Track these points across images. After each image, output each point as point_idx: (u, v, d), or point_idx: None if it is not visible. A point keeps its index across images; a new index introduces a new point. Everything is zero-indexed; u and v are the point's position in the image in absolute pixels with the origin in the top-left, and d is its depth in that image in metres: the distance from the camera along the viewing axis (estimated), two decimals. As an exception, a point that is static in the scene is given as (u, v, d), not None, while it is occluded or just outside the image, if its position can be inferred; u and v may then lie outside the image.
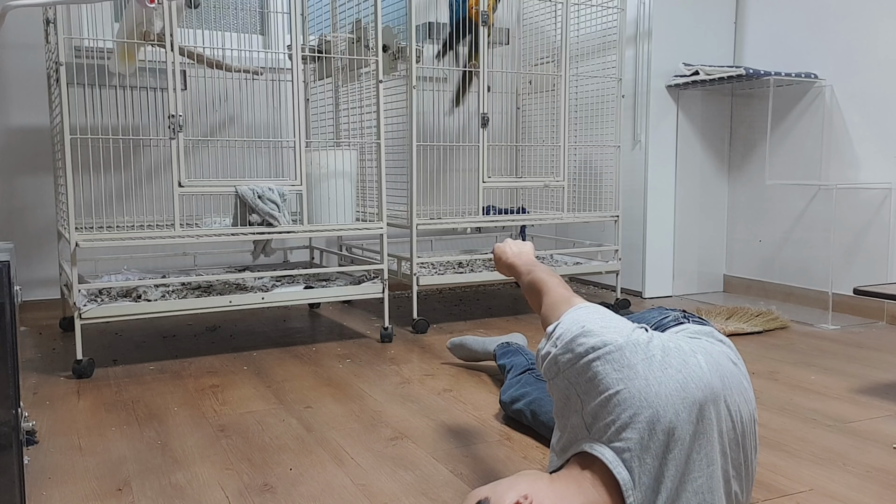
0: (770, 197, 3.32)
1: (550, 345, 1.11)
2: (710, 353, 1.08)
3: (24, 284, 2.97)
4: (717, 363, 1.06)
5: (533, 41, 3.43)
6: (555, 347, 1.09)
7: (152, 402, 1.91)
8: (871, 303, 2.89)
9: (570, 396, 1.07)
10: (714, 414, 1.02)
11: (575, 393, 1.06)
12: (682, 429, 0.99)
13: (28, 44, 2.91)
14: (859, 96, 2.95)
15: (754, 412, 1.10)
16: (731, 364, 1.09)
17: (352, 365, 2.27)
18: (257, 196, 2.34)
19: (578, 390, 1.05)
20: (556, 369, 1.08)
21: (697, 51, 3.34)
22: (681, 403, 1.00)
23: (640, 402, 0.99)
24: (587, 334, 1.06)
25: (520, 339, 2.17)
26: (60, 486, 1.41)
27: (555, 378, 1.09)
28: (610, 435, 1.00)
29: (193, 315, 3.03)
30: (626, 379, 1.01)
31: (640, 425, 0.98)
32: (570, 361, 1.06)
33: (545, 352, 1.11)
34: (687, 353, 1.06)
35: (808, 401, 1.91)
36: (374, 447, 1.60)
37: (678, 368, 1.02)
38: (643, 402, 0.99)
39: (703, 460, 1.01)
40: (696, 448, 1.01)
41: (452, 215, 3.05)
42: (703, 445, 1.01)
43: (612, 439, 1.00)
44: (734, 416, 1.05)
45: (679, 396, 1.00)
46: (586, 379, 1.04)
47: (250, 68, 2.71)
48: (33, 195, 2.96)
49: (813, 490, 1.38)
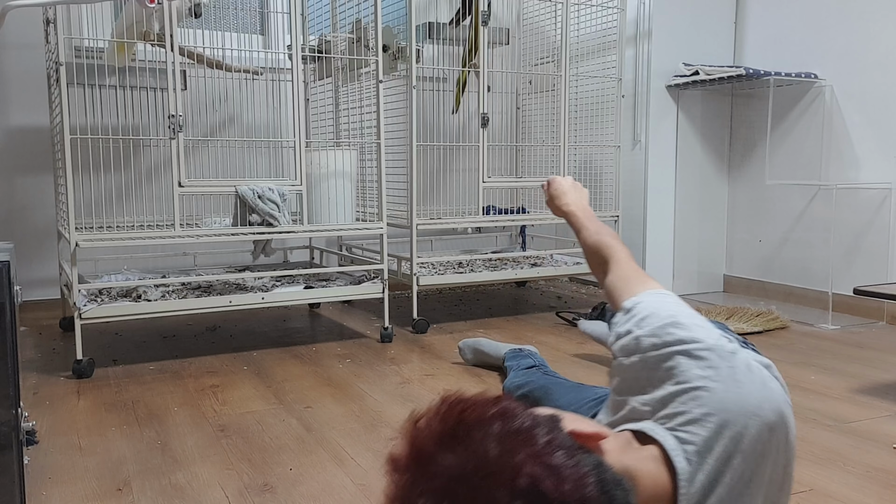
0: (770, 197, 3.32)
1: (633, 324, 1.08)
2: (780, 384, 1.07)
3: (24, 284, 2.97)
4: (786, 395, 1.06)
5: (533, 41, 3.42)
6: (638, 328, 1.06)
7: (152, 402, 1.91)
8: (871, 303, 2.89)
9: (640, 378, 1.05)
10: (779, 441, 1.01)
11: (647, 377, 1.04)
12: (749, 442, 0.97)
13: (28, 44, 2.91)
14: (859, 96, 2.95)
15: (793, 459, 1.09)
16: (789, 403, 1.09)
17: (352, 365, 2.27)
18: (257, 196, 2.34)
19: (653, 376, 1.03)
20: (636, 349, 1.06)
21: (697, 51, 3.34)
22: (755, 419, 0.98)
23: (717, 404, 0.97)
24: (679, 326, 1.04)
25: (532, 349, 2.15)
26: (60, 486, 1.41)
27: (630, 356, 1.07)
28: (676, 424, 0.98)
29: (193, 315, 3.03)
30: (708, 378, 0.99)
31: (710, 425, 0.96)
32: (655, 346, 1.04)
33: (625, 329, 1.08)
34: (766, 376, 1.04)
35: (808, 401, 1.91)
36: (374, 447, 1.60)
37: (759, 387, 1.01)
38: (720, 406, 0.97)
39: (760, 479, 0.99)
40: (757, 466, 0.99)
41: (452, 215, 3.05)
42: (762, 466, 0.99)
43: (676, 429, 0.97)
44: (790, 452, 1.04)
45: (755, 412, 0.98)
46: (666, 367, 1.02)
47: (250, 68, 2.71)
48: (33, 195, 2.96)
49: (813, 490, 1.38)
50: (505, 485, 0.69)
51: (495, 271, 2.88)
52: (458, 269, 3.04)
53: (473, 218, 2.82)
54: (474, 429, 0.74)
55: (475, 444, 0.73)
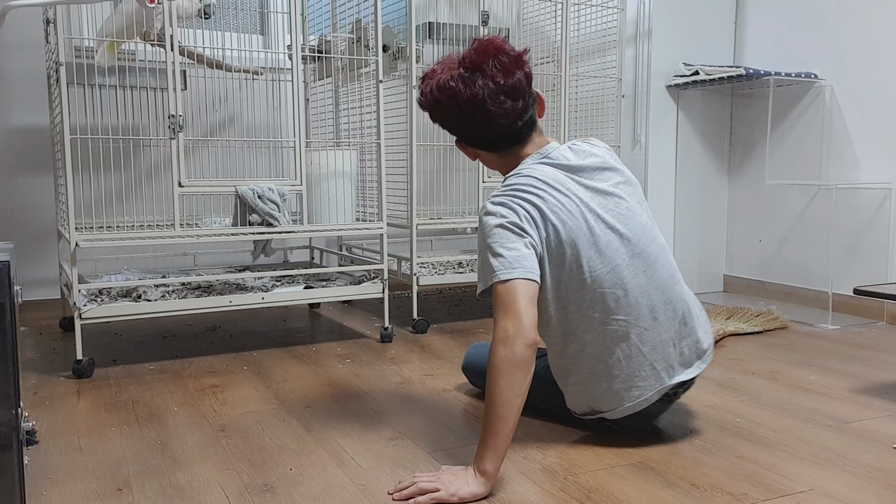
0: (770, 197, 3.32)
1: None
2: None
3: (24, 284, 2.97)
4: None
5: (533, 41, 3.42)
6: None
7: (152, 402, 1.91)
8: (871, 303, 2.89)
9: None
10: None
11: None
12: None
13: (28, 44, 2.91)
14: (859, 96, 2.95)
15: None
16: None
17: (352, 365, 2.27)
18: (257, 196, 2.34)
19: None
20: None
21: (697, 51, 3.34)
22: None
23: None
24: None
25: None
26: (60, 486, 1.41)
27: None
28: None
29: (193, 315, 3.03)
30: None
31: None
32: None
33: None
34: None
35: (808, 401, 1.91)
36: (374, 447, 1.60)
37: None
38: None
39: None
40: None
41: (452, 215, 3.05)
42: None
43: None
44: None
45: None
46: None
47: (250, 68, 2.71)
48: (33, 195, 2.96)
49: (813, 490, 1.38)
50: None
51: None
52: (458, 269, 3.04)
53: (473, 218, 2.82)
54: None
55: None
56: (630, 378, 1.53)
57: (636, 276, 1.51)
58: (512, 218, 1.46)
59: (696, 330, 1.57)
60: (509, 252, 1.42)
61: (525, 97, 1.52)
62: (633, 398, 1.54)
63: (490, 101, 1.48)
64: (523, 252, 1.43)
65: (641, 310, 1.51)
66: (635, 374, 1.52)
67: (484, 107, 1.49)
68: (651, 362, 1.52)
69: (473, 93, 1.48)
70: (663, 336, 1.53)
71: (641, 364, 1.52)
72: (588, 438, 1.63)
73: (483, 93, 1.48)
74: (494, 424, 1.34)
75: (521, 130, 1.55)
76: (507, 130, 1.54)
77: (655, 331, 1.52)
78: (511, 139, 1.55)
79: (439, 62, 1.57)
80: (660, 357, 1.53)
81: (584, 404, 1.60)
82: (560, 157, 1.55)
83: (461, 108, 1.50)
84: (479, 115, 1.50)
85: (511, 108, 1.50)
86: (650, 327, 1.52)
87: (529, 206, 1.48)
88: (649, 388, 1.53)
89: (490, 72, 1.48)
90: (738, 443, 1.61)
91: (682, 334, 1.55)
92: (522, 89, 1.51)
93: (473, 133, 1.55)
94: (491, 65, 1.48)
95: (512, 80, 1.49)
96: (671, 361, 1.54)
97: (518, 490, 1.38)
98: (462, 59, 1.52)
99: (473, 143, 1.59)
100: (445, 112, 1.54)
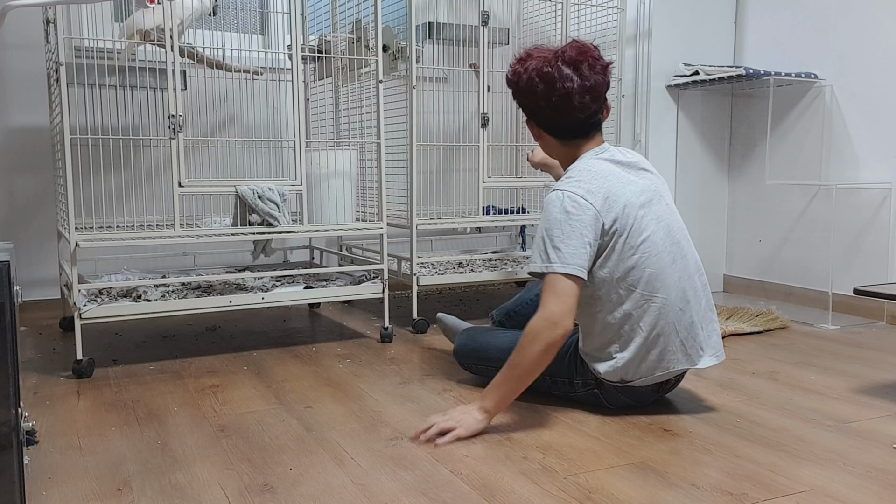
0: (770, 197, 3.32)
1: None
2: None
3: (24, 284, 2.97)
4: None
5: (533, 41, 3.42)
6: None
7: (152, 402, 1.91)
8: (871, 303, 2.89)
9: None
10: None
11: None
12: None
13: (28, 44, 2.91)
14: (859, 96, 2.95)
15: None
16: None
17: (352, 365, 2.27)
18: (257, 196, 2.34)
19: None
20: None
21: (697, 51, 3.34)
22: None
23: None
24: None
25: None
26: (60, 486, 1.41)
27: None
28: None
29: (193, 315, 3.03)
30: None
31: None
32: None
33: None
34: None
35: (808, 401, 1.91)
36: (374, 447, 1.60)
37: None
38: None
39: None
40: None
41: (452, 215, 3.04)
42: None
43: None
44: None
45: None
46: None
47: (250, 68, 2.71)
48: (33, 195, 2.96)
49: (813, 490, 1.38)
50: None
51: (495, 271, 2.88)
52: (458, 269, 3.04)
53: (473, 218, 2.82)
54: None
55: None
56: (663, 353, 1.72)
57: (674, 262, 1.72)
58: (574, 204, 1.66)
59: (715, 321, 1.79)
60: (566, 246, 1.63)
61: (602, 100, 1.75)
62: (663, 369, 1.73)
63: (577, 96, 1.69)
64: (579, 249, 1.64)
65: (676, 292, 1.71)
66: (667, 350, 1.72)
67: (570, 100, 1.69)
68: (682, 340, 1.72)
69: (566, 86, 1.68)
70: (694, 318, 1.73)
71: (673, 339, 1.71)
72: (588, 438, 1.63)
73: (574, 87, 1.68)
74: (511, 382, 1.63)
75: (589, 127, 1.77)
76: (579, 124, 1.75)
77: (688, 312, 1.72)
78: (578, 132, 1.76)
79: (533, 48, 1.77)
80: (689, 336, 1.72)
81: (616, 374, 1.76)
82: (615, 153, 1.77)
83: (551, 95, 1.70)
84: (564, 105, 1.71)
85: (589, 106, 1.72)
86: (684, 309, 1.71)
87: (593, 190, 1.68)
88: (676, 361, 1.73)
89: (585, 72, 1.69)
90: (738, 443, 1.61)
91: (707, 319, 1.76)
92: (602, 93, 1.73)
93: (551, 119, 1.75)
94: (586, 66, 1.69)
95: (597, 83, 1.71)
96: (700, 343, 1.74)
97: (518, 490, 1.38)
98: (561, 52, 1.71)
99: (545, 127, 1.79)
100: (536, 95, 1.72)
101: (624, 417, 1.77)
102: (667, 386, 1.82)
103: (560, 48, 1.72)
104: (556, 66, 1.69)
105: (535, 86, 1.71)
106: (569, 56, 1.69)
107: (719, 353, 1.77)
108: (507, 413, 1.80)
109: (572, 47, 1.71)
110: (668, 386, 1.83)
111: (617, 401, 1.80)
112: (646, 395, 1.80)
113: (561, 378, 1.84)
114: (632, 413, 1.80)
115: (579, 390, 1.83)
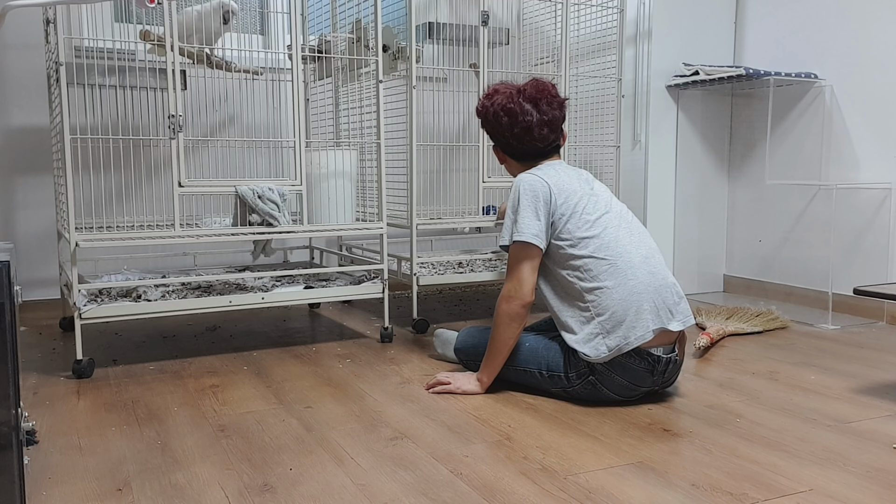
0: (770, 197, 3.32)
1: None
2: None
3: (24, 284, 2.97)
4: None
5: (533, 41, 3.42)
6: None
7: (152, 402, 1.91)
8: (871, 303, 2.89)
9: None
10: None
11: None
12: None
13: (28, 44, 2.91)
14: (859, 96, 2.95)
15: None
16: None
17: (352, 365, 2.27)
18: (257, 196, 2.34)
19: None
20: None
21: (697, 51, 3.34)
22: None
23: None
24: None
25: None
26: (60, 486, 1.41)
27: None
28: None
29: (193, 315, 3.03)
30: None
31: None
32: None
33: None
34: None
35: (808, 401, 1.91)
36: (374, 447, 1.60)
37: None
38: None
39: None
40: None
41: (452, 215, 3.05)
42: None
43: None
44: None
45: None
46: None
47: (250, 68, 2.71)
48: (33, 195, 2.96)
49: (813, 490, 1.38)
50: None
51: (495, 271, 2.88)
52: (458, 269, 3.04)
53: (473, 218, 2.82)
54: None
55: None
56: (638, 312, 1.83)
57: (632, 235, 1.91)
58: (530, 185, 1.91)
59: (683, 298, 1.93)
60: (522, 219, 1.89)
61: (559, 131, 2.04)
62: (643, 328, 1.82)
63: (537, 128, 1.99)
64: (534, 221, 1.89)
65: (638, 258, 1.87)
66: (642, 310, 1.83)
67: (531, 132, 1.99)
68: (653, 301, 1.84)
69: (527, 119, 1.97)
70: (660, 284, 1.87)
71: (645, 299, 1.83)
72: (588, 438, 1.64)
73: (534, 121, 1.98)
74: (494, 355, 1.95)
75: (547, 151, 2.05)
76: (538, 150, 2.03)
77: (658, 277, 1.87)
78: (537, 155, 2.05)
79: (500, 84, 2.06)
80: (658, 297, 1.85)
81: (600, 345, 1.84)
82: (570, 167, 2.03)
83: (513, 127, 1.99)
84: (525, 136, 2.00)
85: (547, 137, 2.01)
86: (654, 273, 1.87)
87: (547, 175, 1.94)
88: (650, 321, 1.83)
89: (543, 107, 1.98)
90: (738, 443, 1.61)
91: (674, 292, 1.90)
92: (559, 125, 2.03)
93: (514, 147, 2.03)
94: (544, 102, 1.98)
95: (554, 117, 2.00)
96: (669, 306, 1.86)
97: (518, 490, 1.38)
98: (522, 90, 2.00)
99: (508, 152, 2.07)
100: (501, 126, 2.01)
101: (624, 417, 1.78)
102: (658, 367, 1.83)
103: (521, 86, 2.01)
104: (517, 103, 1.98)
105: (500, 119, 2.00)
106: (529, 94, 1.98)
107: (687, 320, 1.89)
108: (506, 413, 1.80)
109: (532, 86, 1.99)
110: (660, 370, 1.84)
111: (613, 383, 1.83)
112: (641, 376, 1.83)
113: (555, 372, 1.90)
114: (632, 413, 1.80)
115: (574, 383, 1.87)
